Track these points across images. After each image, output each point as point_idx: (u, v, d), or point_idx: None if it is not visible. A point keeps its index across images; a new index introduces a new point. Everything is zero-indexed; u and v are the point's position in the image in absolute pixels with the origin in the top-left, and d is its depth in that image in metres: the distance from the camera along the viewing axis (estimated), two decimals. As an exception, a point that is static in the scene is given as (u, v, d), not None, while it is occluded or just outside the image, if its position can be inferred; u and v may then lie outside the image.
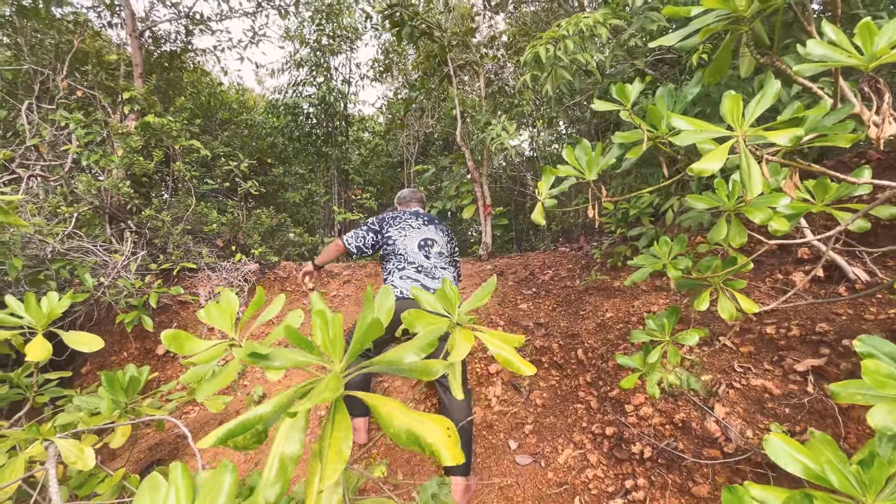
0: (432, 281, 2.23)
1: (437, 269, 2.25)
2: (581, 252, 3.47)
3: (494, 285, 1.19)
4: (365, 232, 2.31)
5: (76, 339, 1.51)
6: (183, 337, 0.89)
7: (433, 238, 2.33)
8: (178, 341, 0.87)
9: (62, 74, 3.92)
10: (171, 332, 0.87)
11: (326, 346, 0.87)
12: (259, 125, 7.20)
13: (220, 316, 0.96)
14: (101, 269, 3.45)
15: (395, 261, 2.26)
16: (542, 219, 1.50)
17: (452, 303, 1.18)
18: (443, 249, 2.33)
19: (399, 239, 2.29)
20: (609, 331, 2.32)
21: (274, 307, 0.99)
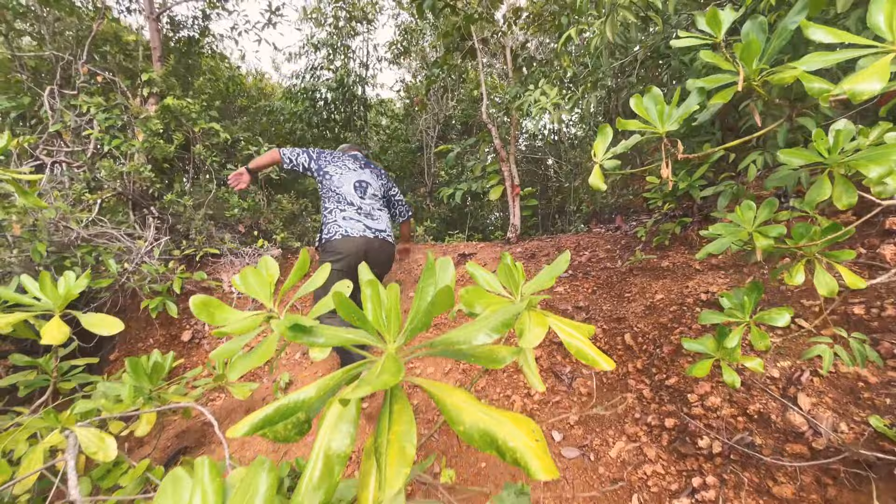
0: (373, 221, 2.35)
1: (374, 210, 2.40)
2: (619, 232, 3.25)
3: (567, 261, 1.02)
4: (301, 152, 2.47)
5: (95, 321, 1.40)
6: (214, 305, 0.75)
7: (367, 181, 2.47)
8: (208, 309, 0.73)
9: (82, 59, 3.86)
10: (201, 297, 0.73)
11: (379, 321, 0.72)
12: (277, 111, 7.11)
13: (258, 283, 0.81)
14: (125, 255, 3.41)
15: (335, 200, 2.37)
16: (601, 183, 1.31)
17: (516, 280, 1.02)
18: (376, 191, 2.47)
19: (335, 176, 2.40)
20: (661, 314, 2.12)
21: (318, 277, 0.84)
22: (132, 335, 3.91)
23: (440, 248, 4.30)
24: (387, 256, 2.39)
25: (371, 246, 2.30)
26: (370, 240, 2.29)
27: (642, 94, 1.19)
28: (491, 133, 3.86)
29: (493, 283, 1.10)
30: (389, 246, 2.39)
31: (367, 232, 2.29)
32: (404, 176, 9.14)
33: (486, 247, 3.88)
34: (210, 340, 3.56)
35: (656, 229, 2.64)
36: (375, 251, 2.32)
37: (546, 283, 1.04)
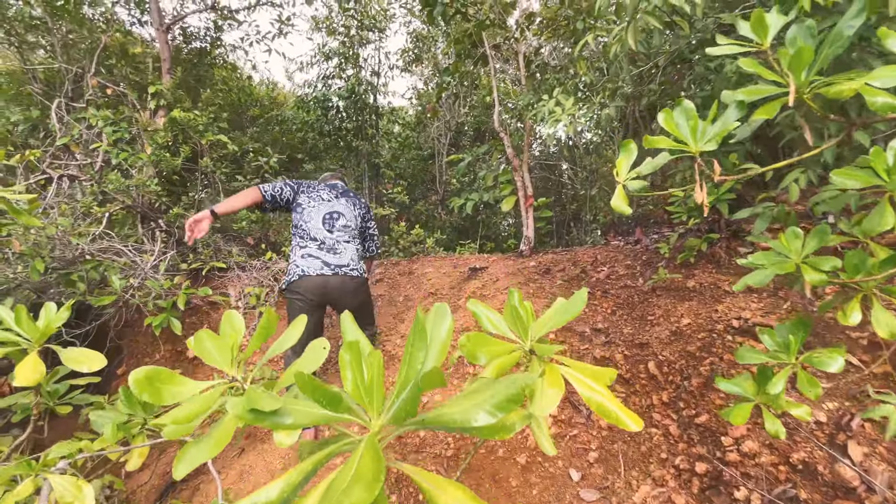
0: (334, 256, 2.25)
1: (339, 244, 2.29)
2: (639, 246, 3.08)
3: (584, 301, 0.88)
4: (282, 185, 2.35)
5: (75, 356, 1.31)
6: (162, 378, 0.63)
7: (339, 211, 2.37)
8: (153, 385, 0.61)
9: (91, 72, 3.86)
10: (144, 372, 0.61)
11: (360, 394, 0.60)
12: (289, 120, 7.09)
13: (216, 347, 0.69)
14: (130, 269, 3.36)
15: (298, 236, 2.30)
16: (625, 205, 1.17)
17: (525, 323, 0.88)
18: (349, 222, 2.38)
19: (306, 208, 2.33)
20: (688, 341, 1.95)
21: (291, 334, 0.71)
22: (139, 350, 3.86)
23: (450, 261, 4.17)
24: (349, 292, 2.26)
25: (329, 283, 2.20)
26: (328, 277, 2.20)
27: (671, 107, 1.05)
28: (503, 141, 3.73)
29: (499, 326, 0.97)
30: (352, 280, 2.26)
31: (324, 269, 2.20)
32: (416, 184, 9.05)
33: (498, 260, 3.74)
34: (215, 357, 3.48)
35: (681, 245, 2.47)
36: (336, 288, 2.22)
37: (558, 324, 0.91)
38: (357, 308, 2.37)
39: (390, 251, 5.48)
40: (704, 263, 2.41)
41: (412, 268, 4.12)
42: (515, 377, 0.58)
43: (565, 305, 0.87)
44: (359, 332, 0.70)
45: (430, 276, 3.79)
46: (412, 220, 7.56)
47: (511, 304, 0.87)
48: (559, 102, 2.17)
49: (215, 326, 3.71)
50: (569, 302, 0.87)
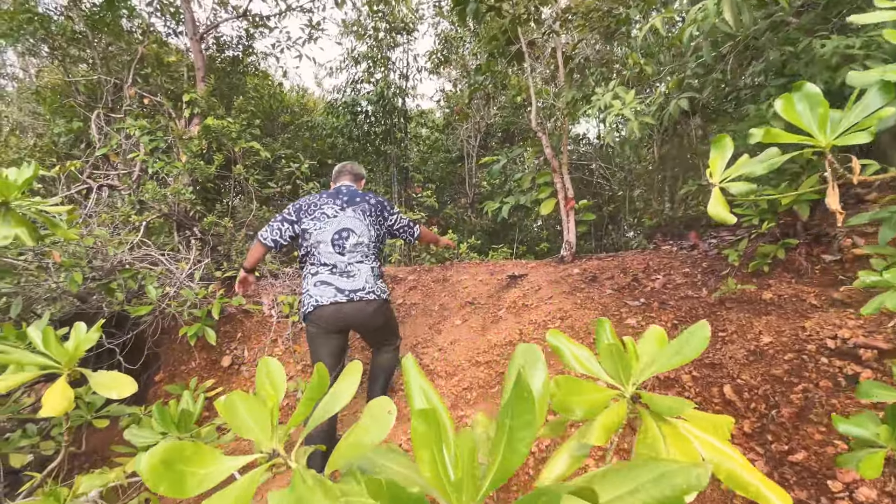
0: (348, 280, 2.08)
1: (352, 266, 2.11)
2: (696, 252, 2.83)
3: (706, 338, 0.70)
4: (279, 223, 2.17)
5: (105, 381, 1.21)
6: (185, 458, 0.46)
7: (348, 227, 2.15)
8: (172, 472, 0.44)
9: (128, 82, 3.90)
10: (160, 453, 0.45)
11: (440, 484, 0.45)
12: (319, 126, 7.10)
13: (253, 415, 0.51)
14: (166, 278, 3.35)
15: (310, 262, 2.16)
16: (726, 212, 0.98)
17: (627, 364, 0.71)
18: (361, 238, 2.16)
19: (314, 232, 2.14)
20: (771, 362, 1.72)
21: (342, 393, 0.55)
22: (175, 357, 3.86)
23: (486, 267, 4.01)
24: (367, 316, 2.11)
25: (344, 310, 2.07)
26: (342, 305, 2.06)
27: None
28: (541, 141, 3.54)
29: (588, 364, 0.79)
30: (369, 304, 2.10)
31: (338, 296, 2.06)
32: (444, 186, 8.93)
33: (537, 266, 3.54)
34: (250, 367, 3.43)
35: (752, 252, 2.22)
36: (352, 315, 2.08)
37: (670, 365, 0.73)
38: (379, 329, 2.23)
39: (422, 257, 5.35)
40: (781, 272, 2.16)
41: (446, 275, 3.98)
42: (689, 467, 0.41)
43: (681, 342, 0.69)
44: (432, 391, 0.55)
45: (465, 284, 3.63)
46: (442, 225, 7.44)
47: (607, 344, 0.70)
48: (617, 95, 1.97)
49: (249, 334, 3.67)
50: (686, 337, 0.70)
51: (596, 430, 0.59)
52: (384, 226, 2.29)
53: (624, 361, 0.68)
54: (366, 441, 0.49)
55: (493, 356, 2.44)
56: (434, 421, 0.46)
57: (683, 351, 0.68)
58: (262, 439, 0.49)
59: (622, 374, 0.69)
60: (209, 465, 0.47)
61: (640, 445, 0.60)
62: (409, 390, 0.58)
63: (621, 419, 0.63)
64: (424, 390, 0.57)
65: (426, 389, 0.57)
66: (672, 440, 0.60)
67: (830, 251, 2.08)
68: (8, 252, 2.74)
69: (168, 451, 0.45)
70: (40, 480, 1.36)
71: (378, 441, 0.49)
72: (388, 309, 2.24)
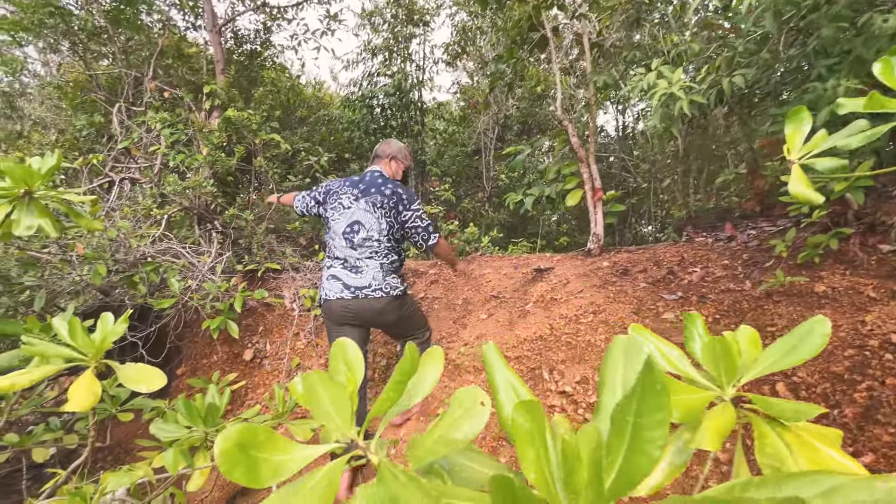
0: (355, 276, 2.01)
1: (361, 261, 2.03)
2: (734, 244, 2.70)
3: (826, 334, 0.60)
4: (311, 199, 2.23)
5: (133, 375, 1.16)
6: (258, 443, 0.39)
7: (359, 220, 2.05)
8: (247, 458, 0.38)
9: (149, 75, 3.89)
10: (234, 435, 0.38)
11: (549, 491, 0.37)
12: (336, 120, 7.06)
13: (333, 400, 0.42)
14: (188, 271, 3.34)
15: (327, 254, 2.14)
16: (812, 192, 0.88)
17: (732, 362, 0.62)
18: (371, 232, 2.04)
19: (332, 224, 2.11)
20: (829, 359, 1.60)
21: (426, 378, 0.47)
22: (197, 351, 3.86)
23: (509, 261, 3.91)
24: (375, 313, 2.02)
25: (350, 308, 2.00)
26: (347, 302, 2.00)
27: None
28: (567, 130, 3.42)
29: (678, 363, 0.71)
30: (376, 301, 2.00)
31: (343, 293, 2.00)
32: (461, 180, 8.82)
33: (563, 259, 3.44)
34: (272, 361, 3.41)
35: (801, 242, 2.09)
36: (357, 312, 2.01)
37: (782, 365, 0.64)
38: (393, 324, 2.12)
39: (441, 250, 5.28)
40: (833, 264, 2.02)
41: (468, 268, 3.89)
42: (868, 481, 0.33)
43: (796, 340, 0.60)
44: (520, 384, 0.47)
45: (488, 278, 3.54)
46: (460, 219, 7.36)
47: (711, 340, 0.61)
48: (661, 74, 1.86)
49: (270, 328, 3.64)
50: (801, 333, 0.60)
51: (707, 434, 0.51)
52: (398, 220, 2.08)
53: (729, 360, 0.59)
54: (457, 437, 0.41)
55: (522, 351, 2.35)
56: (539, 414, 0.38)
57: (799, 350, 0.59)
58: (341, 427, 0.41)
59: (724, 375, 0.60)
60: (283, 452, 0.40)
61: (761, 455, 0.51)
62: (494, 383, 0.50)
63: (731, 423, 0.55)
64: (512, 384, 0.49)
65: (514, 383, 0.49)
66: (799, 449, 0.51)
67: (888, 241, 1.94)
68: (32, 244, 2.75)
69: (242, 433, 0.38)
70: (65, 477, 1.32)
71: (471, 437, 0.41)
72: (400, 305, 2.09)
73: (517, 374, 0.50)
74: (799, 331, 0.63)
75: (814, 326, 0.60)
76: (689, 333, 0.70)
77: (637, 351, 0.50)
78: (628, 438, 0.37)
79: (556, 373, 2.09)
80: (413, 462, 0.41)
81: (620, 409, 0.38)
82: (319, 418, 0.41)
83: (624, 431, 0.37)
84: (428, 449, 0.41)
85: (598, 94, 2.90)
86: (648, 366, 0.36)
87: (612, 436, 0.38)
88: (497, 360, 0.51)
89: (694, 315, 0.71)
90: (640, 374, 0.37)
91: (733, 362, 0.60)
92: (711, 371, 0.62)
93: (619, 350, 0.51)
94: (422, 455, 0.41)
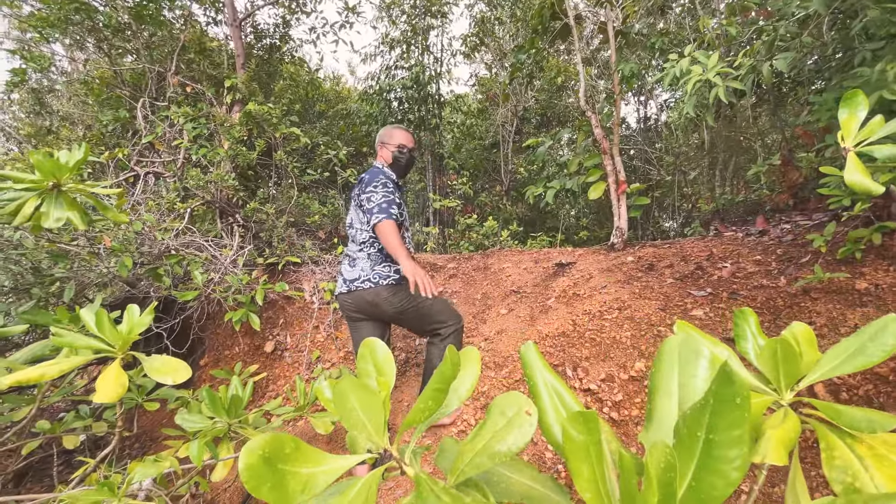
0: (350, 270, 2.03)
1: (355, 254, 2.03)
2: (766, 238, 2.59)
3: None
4: (394, 202, 1.93)
5: (159, 366, 1.16)
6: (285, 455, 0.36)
7: (351, 217, 2.10)
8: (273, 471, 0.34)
9: (171, 70, 3.94)
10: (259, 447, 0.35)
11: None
12: (354, 114, 7.06)
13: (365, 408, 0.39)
14: (211, 264, 3.38)
15: None
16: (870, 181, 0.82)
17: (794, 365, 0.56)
18: (354, 224, 2.06)
19: None
20: (875, 360, 1.52)
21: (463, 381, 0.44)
22: (220, 342, 3.92)
23: (529, 255, 3.86)
24: (369, 305, 1.97)
25: (347, 302, 2.04)
26: (344, 295, 2.03)
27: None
28: (591, 121, 3.34)
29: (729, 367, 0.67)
30: (367, 292, 1.95)
31: (342, 287, 2.05)
32: (478, 174, 8.74)
33: (585, 254, 3.37)
34: (292, 353, 3.44)
35: (842, 237, 1.99)
36: (355, 307, 2.01)
37: (854, 368, 0.59)
38: (395, 317, 2.01)
39: (459, 245, 5.25)
40: (875, 259, 1.92)
41: (487, 263, 3.85)
42: None
43: (865, 339, 0.55)
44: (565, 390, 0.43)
45: (508, 272, 3.50)
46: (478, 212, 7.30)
47: (771, 343, 0.56)
48: (696, 60, 1.77)
49: (291, 321, 3.67)
50: (872, 332, 0.55)
51: (773, 445, 0.46)
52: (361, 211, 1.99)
53: (792, 363, 0.55)
54: (501, 449, 0.38)
55: (545, 347, 2.31)
56: (595, 427, 0.35)
57: (868, 350, 0.54)
58: (373, 437, 0.39)
59: (783, 379, 0.56)
60: (313, 464, 0.37)
61: (829, 469, 0.47)
62: (535, 387, 0.47)
63: (797, 432, 0.50)
64: (555, 388, 0.46)
65: (557, 387, 0.46)
66: (875, 463, 0.46)
67: (939, 235, 1.83)
68: (62, 237, 2.81)
69: (267, 444, 0.36)
70: (94, 465, 1.35)
71: (518, 450, 0.38)
72: (394, 294, 1.95)
73: (560, 377, 0.47)
74: (868, 330, 0.57)
75: (887, 325, 0.54)
76: (741, 331, 0.65)
77: (694, 353, 0.46)
78: (698, 456, 0.33)
79: (581, 370, 2.04)
80: (453, 476, 0.38)
81: (689, 423, 0.34)
82: (351, 427, 0.38)
83: (693, 448, 0.34)
84: (471, 463, 0.38)
85: (622, 84, 2.80)
86: (726, 375, 0.32)
87: (681, 451, 0.34)
88: (537, 361, 0.48)
89: (746, 311, 0.66)
90: (715, 384, 0.33)
91: (796, 365, 0.55)
92: (769, 374, 0.57)
93: (674, 352, 0.47)
94: (464, 469, 0.38)
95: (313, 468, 0.37)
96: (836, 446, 0.49)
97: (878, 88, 1.55)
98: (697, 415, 0.34)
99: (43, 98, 5.27)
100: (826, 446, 0.50)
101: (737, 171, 4.04)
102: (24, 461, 2.20)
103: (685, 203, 4.60)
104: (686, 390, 0.44)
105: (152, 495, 1.28)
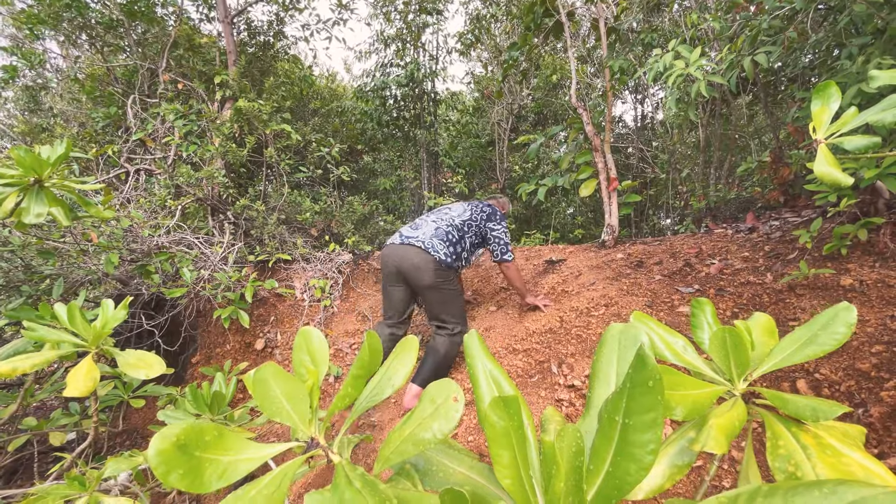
0: (412, 231, 2.26)
1: (425, 225, 2.28)
2: (755, 235, 2.59)
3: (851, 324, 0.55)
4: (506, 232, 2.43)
5: (132, 361, 1.16)
6: (203, 443, 0.36)
7: (455, 209, 2.44)
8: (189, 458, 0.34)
9: (162, 66, 3.92)
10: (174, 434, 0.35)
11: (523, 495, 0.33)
12: (349, 111, 7.04)
13: (290, 397, 0.40)
14: (201, 261, 3.37)
15: None
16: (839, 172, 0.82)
17: (744, 354, 0.56)
18: (460, 223, 2.32)
19: None
20: (856, 355, 1.52)
21: (396, 373, 0.44)
22: (210, 340, 3.91)
23: (520, 253, 3.85)
24: (411, 266, 2.19)
25: (392, 256, 2.28)
26: (395, 246, 2.29)
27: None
28: (582, 118, 3.33)
29: (685, 355, 0.67)
30: (416, 253, 2.21)
31: (395, 239, 2.36)
32: (474, 172, 8.73)
33: (576, 251, 3.36)
34: (283, 350, 3.43)
35: (827, 233, 1.99)
36: (397, 260, 2.26)
37: (799, 358, 0.59)
38: (428, 289, 2.15)
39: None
40: (861, 255, 1.92)
41: (478, 260, 3.85)
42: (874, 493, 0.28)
43: (817, 328, 0.55)
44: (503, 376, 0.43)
45: (498, 270, 3.49)
46: (473, 210, 7.27)
47: (720, 330, 0.56)
48: (679, 55, 1.76)
49: (281, 318, 3.67)
50: (824, 321, 0.55)
51: (714, 434, 0.46)
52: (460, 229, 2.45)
53: (741, 352, 0.54)
54: (426, 437, 0.37)
55: (531, 344, 2.31)
56: (516, 412, 0.34)
57: (820, 339, 0.54)
58: (298, 425, 0.38)
59: (735, 368, 0.55)
60: (233, 452, 0.36)
61: (772, 458, 0.46)
62: (474, 374, 0.46)
63: (741, 421, 0.50)
64: (493, 375, 0.45)
65: (495, 374, 0.45)
66: (818, 453, 0.45)
67: (924, 231, 1.83)
68: (51, 234, 2.80)
69: (185, 432, 0.35)
70: (70, 461, 1.34)
71: (443, 437, 0.38)
72: (442, 274, 2.17)
73: (499, 365, 0.46)
74: (821, 319, 0.57)
75: (838, 314, 0.54)
76: (697, 321, 0.65)
77: (634, 340, 0.46)
78: (616, 441, 0.33)
79: (566, 366, 2.04)
80: (380, 463, 0.37)
81: (609, 408, 0.33)
82: (273, 415, 0.38)
83: (612, 433, 0.33)
84: (396, 450, 0.37)
85: (613, 80, 2.79)
86: (640, 359, 0.32)
87: (599, 437, 0.33)
88: (479, 349, 0.47)
89: (702, 301, 0.66)
90: (631, 369, 0.32)
91: (745, 353, 0.55)
92: (721, 363, 0.57)
93: (614, 339, 0.47)
94: (389, 456, 0.37)
95: (234, 456, 0.37)
96: (780, 435, 0.48)
97: (859, 82, 1.55)
98: (617, 400, 0.34)
99: (37, 96, 5.25)
100: (771, 435, 0.49)
101: (731, 169, 4.04)
102: (12, 458, 2.20)
103: (679, 201, 4.60)
104: (623, 378, 0.44)
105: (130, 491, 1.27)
